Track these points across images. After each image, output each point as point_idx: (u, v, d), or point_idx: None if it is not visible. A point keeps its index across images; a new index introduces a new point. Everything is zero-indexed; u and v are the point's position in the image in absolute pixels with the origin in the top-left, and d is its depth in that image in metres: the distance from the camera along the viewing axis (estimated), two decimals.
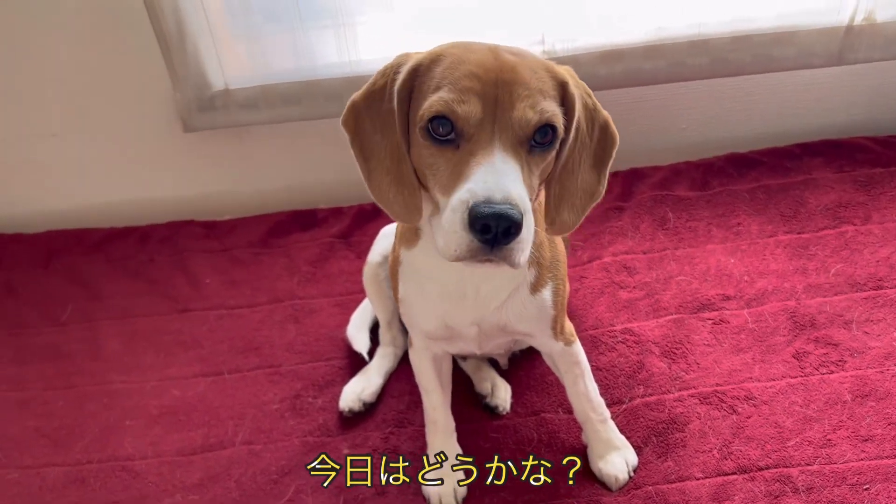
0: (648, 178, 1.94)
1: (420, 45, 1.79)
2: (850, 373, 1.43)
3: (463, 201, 0.88)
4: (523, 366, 1.53)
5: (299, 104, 1.80)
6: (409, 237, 1.13)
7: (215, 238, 1.94)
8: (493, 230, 0.86)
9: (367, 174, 1.01)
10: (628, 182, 1.93)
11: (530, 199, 0.93)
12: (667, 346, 1.53)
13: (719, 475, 1.30)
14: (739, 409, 1.40)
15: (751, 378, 1.45)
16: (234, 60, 1.80)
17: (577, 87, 0.99)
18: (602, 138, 1.04)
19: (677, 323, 1.57)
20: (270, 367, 1.60)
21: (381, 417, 1.48)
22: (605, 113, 1.05)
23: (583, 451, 1.37)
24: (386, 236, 1.50)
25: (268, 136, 1.91)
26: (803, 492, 1.25)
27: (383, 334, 1.57)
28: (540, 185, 1.01)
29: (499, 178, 0.87)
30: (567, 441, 1.40)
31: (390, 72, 0.98)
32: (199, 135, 1.91)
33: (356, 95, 1.00)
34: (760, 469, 1.30)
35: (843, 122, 2.00)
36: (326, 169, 1.96)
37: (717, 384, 1.44)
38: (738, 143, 2.00)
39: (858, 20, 1.76)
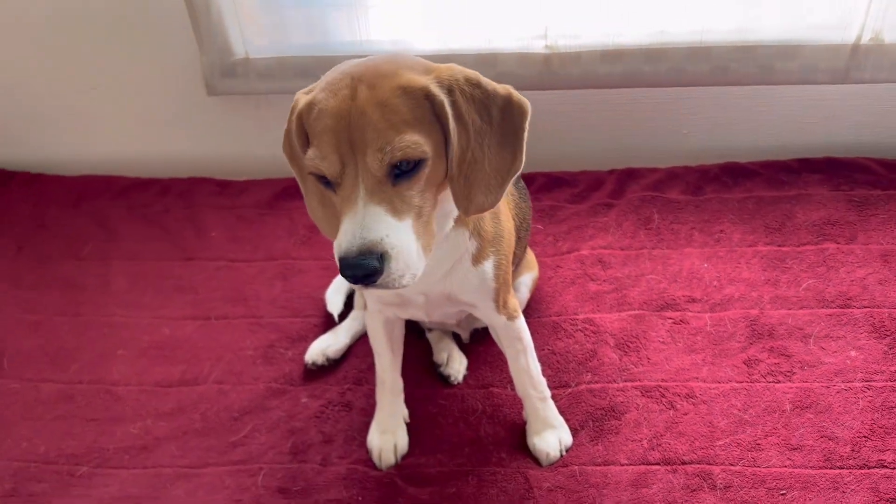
0: (643, 178, 1.97)
1: (426, 32, 1.89)
2: (796, 384, 1.46)
3: (335, 251, 0.99)
4: (483, 342, 1.61)
5: (312, 77, 1.87)
6: None
7: (227, 196, 2.08)
8: (355, 278, 0.97)
9: (304, 193, 1.15)
10: (622, 181, 1.98)
11: (416, 214, 1.00)
12: (623, 338, 1.58)
13: (643, 464, 1.36)
14: (678, 406, 1.44)
15: (696, 378, 1.49)
16: (255, 31, 1.92)
17: (450, 88, 1.01)
18: (506, 117, 1.05)
19: (638, 318, 1.62)
20: (253, 317, 1.73)
21: (343, 374, 1.59)
22: (504, 90, 1.05)
23: (522, 426, 1.44)
24: None
25: (284, 105, 2.00)
26: (720, 489, 1.30)
27: (357, 299, 1.68)
28: (439, 187, 1.05)
29: (357, 229, 0.96)
30: (509, 415, 1.48)
31: (292, 114, 1.07)
32: (221, 98, 2.05)
33: (287, 124, 1.10)
34: (684, 463, 1.35)
35: (850, 142, 1.99)
36: None
37: (662, 380, 1.49)
38: (739, 153, 2.01)
39: (865, 39, 1.75)
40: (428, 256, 1.03)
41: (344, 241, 0.96)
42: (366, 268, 0.95)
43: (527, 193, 1.49)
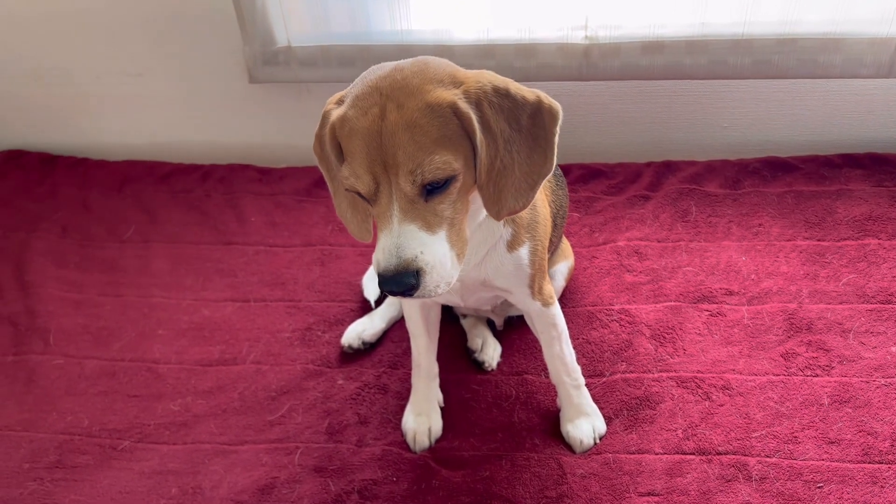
0: (681, 171, 1.96)
1: (465, 22, 1.89)
2: (835, 378, 1.44)
3: (374, 266, 1.03)
4: (517, 330, 1.61)
5: (353, 66, 1.93)
6: None
7: (267, 183, 2.10)
8: (393, 293, 1.02)
9: (333, 193, 1.17)
10: (659, 173, 1.97)
11: (449, 224, 1.04)
12: (658, 329, 1.58)
13: (678, 453, 1.35)
14: (714, 397, 1.44)
15: (733, 370, 1.48)
16: (297, 19, 1.94)
17: (478, 100, 1.02)
18: (536, 123, 1.06)
19: (674, 310, 1.61)
20: (291, 300, 1.75)
21: (378, 358, 1.61)
22: (533, 97, 1.06)
23: (556, 413, 1.45)
24: None
25: (324, 93, 2.02)
26: (756, 480, 1.29)
27: None
28: (470, 189, 1.07)
29: (394, 247, 1.01)
30: (543, 402, 1.48)
31: (323, 123, 1.09)
32: (263, 87, 2.08)
33: (318, 129, 1.12)
34: (719, 453, 1.34)
35: (894, 138, 1.96)
36: None
37: (698, 371, 1.49)
38: (779, 148, 1.99)
39: None
40: (462, 262, 1.07)
41: (382, 259, 1.01)
42: (403, 284, 1.01)
43: (564, 181, 1.49)
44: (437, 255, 1.02)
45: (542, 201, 1.29)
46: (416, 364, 1.45)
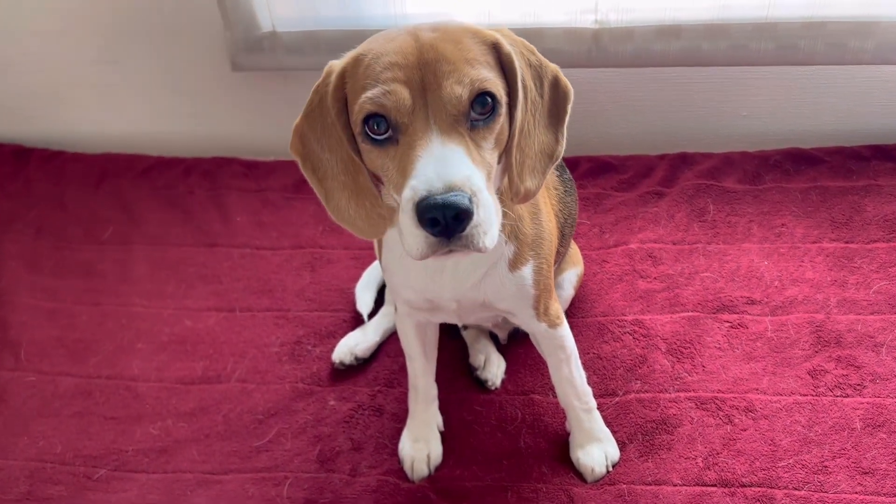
0: (697, 164, 1.83)
1: (466, 4, 1.75)
2: (867, 399, 1.33)
3: (409, 199, 0.85)
4: (523, 344, 1.50)
5: (344, 53, 1.79)
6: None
7: (253, 178, 1.97)
8: (441, 222, 0.83)
9: (325, 195, 1.00)
10: (674, 167, 1.83)
11: (486, 176, 0.90)
12: (675, 343, 1.46)
13: (698, 485, 1.25)
14: (736, 420, 1.33)
15: (756, 389, 1.37)
16: (282, 2, 1.80)
17: (512, 45, 0.94)
18: (554, 95, 0.98)
19: (692, 321, 1.50)
20: (279, 310, 1.64)
21: (373, 375, 1.50)
22: (553, 66, 0.99)
23: (565, 437, 1.34)
24: None
25: (313, 81, 1.91)
26: None
27: (388, 294, 1.58)
28: (500, 155, 0.96)
29: (439, 166, 0.84)
30: (551, 426, 1.38)
31: (322, 86, 0.95)
32: (247, 75, 1.95)
33: (298, 119, 0.99)
34: (743, 485, 1.24)
35: None
36: None
37: (719, 391, 1.38)
38: (803, 138, 1.86)
39: None
40: (499, 226, 0.91)
41: (421, 181, 0.84)
42: (457, 205, 0.82)
43: (573, 185, 1.37)
44: (485, 191, 0.87)
45: (549, 214, 1.17)
46: (412, 386, 1.34)
